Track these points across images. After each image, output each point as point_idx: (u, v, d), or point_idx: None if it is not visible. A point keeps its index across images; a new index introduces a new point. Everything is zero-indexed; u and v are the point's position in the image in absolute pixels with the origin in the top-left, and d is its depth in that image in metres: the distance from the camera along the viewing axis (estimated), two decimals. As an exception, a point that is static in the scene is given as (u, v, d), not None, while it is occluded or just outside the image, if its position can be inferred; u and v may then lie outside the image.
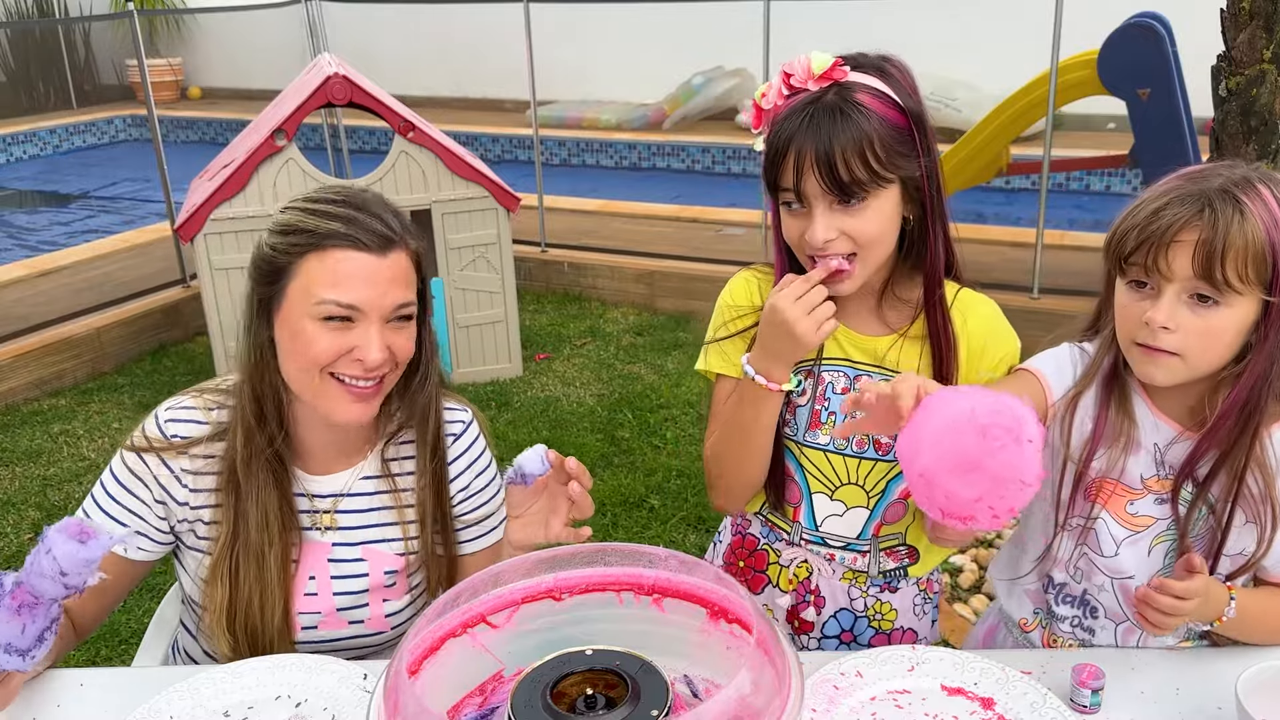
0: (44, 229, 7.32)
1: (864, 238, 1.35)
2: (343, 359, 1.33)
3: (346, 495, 1.47)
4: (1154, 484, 1.39)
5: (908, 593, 1.58)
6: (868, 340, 1.47)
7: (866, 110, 1.32)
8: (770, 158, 1.35)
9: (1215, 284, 1.23)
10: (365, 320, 1.32)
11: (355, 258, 1.33)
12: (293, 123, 3.89)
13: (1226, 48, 2.74)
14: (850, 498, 1.50)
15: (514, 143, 8.57)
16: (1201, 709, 1.26)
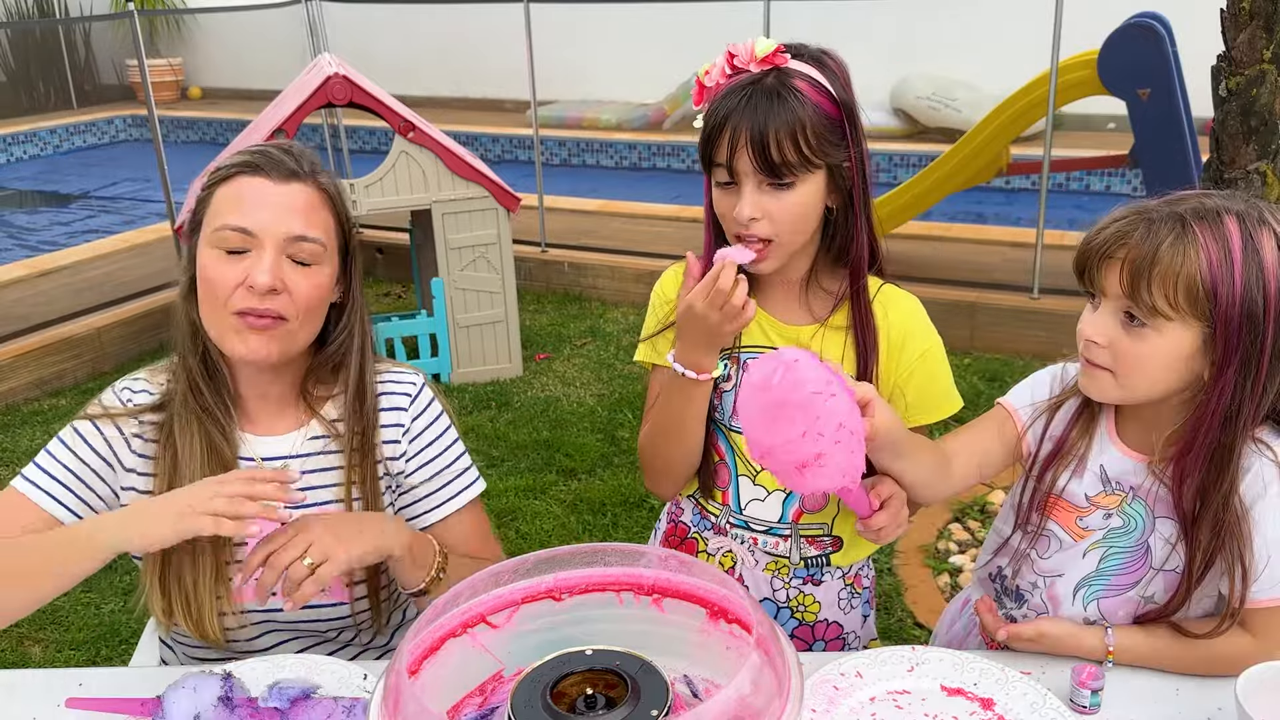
0: (44, 229, 7.32)
1: (785, 220, 1.39)
2: (239, 291, 1.34)
3: (295, 456, 1.46)
4: (1101, 500, 1.39)
5: (832, 586, 1.59)
6: (790, 329, 1.51)
7: (802, 96, 1.36)
8: (707, 133, 1.39)
9: (1141, 305, 1.22)
10: (259, 247, 1.35)
11: (254, 183, 1.37)
12: (293, 123, 3.89)
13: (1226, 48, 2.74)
14: (769, 482, 1.53)
15: (514, 143, 8.57)
16: (1201, 709, 1.26)
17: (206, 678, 1.23)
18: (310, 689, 1.24)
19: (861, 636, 1.65)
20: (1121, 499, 1.38)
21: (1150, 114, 4.32)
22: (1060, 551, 1.42)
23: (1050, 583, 1.44)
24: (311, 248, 1.38)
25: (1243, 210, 1.23)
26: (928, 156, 6.10)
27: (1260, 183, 2.71)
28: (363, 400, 1.48)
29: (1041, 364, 1.56)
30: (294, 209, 1.37)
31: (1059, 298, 4.42)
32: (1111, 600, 1.39)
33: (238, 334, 1.36)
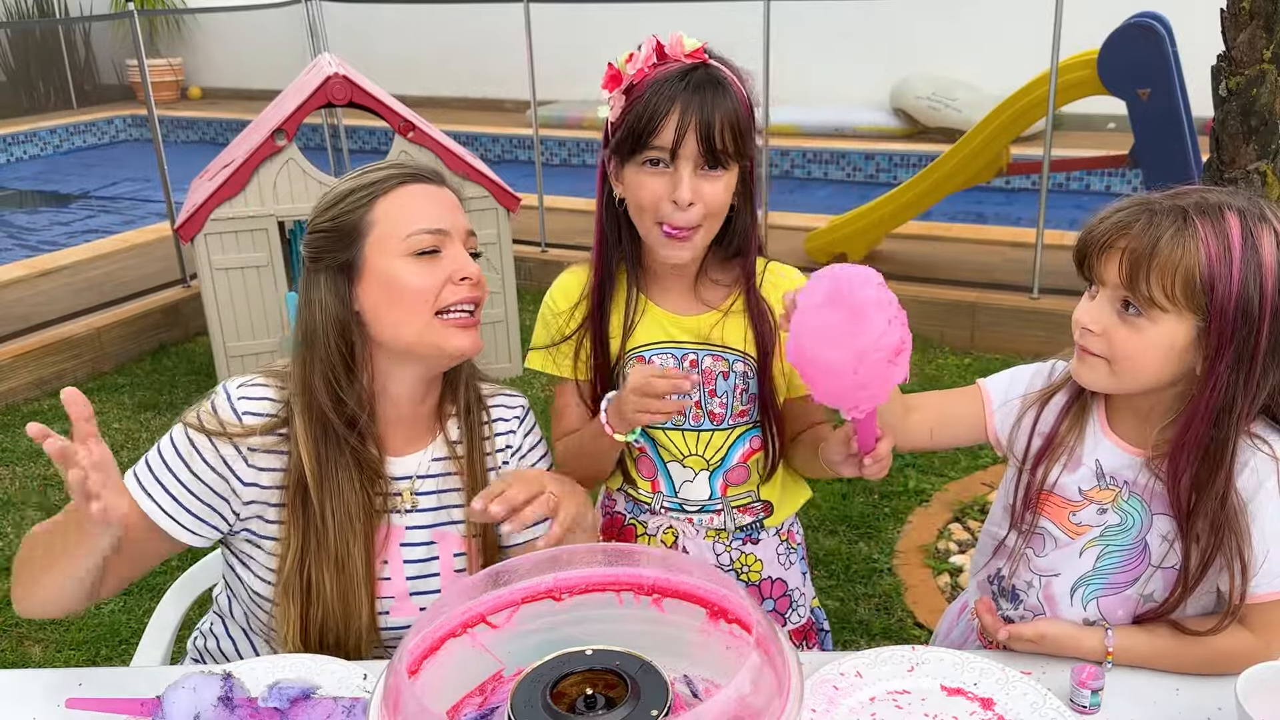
0: (44, 229, 7.32)
1: (715, 205, 1.46)
2: (448, 287, 1.38)
3: (422, 477, 1.47)
4: (1094, 494, 1.39)
5: (769, 543, 1.66)
6: (690, 319, 1.57)
7: (733, 90, 1.45)
8: (646, 116, 1.41)
9: (1138, 295, 1.23)
10: (451, 242, 1.40)
11: (421, 189, 1.42)
12: (293, 123, 3.89)
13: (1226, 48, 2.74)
14: (695, 465, 1.60)
15: (514, 143, 8.57)
16: (1201, 709, 1.26)
17: (206, 678, 1.23)
18: (310, 689, 1.24)
19: (805, 594, 1.72)
20: (1115, 494, 1.38)
21: (1150, 114, 4.32)
22: (1056, 550, 1.42)
23: (1047, 582, 1.43)
24: (476, 240, 1.46)
25: (1244, 207, 1.23)
26: (928, 156, 6.11)
27: (1260, 183, 2.71)
28: (469, 413, 1.51)
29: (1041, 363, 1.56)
30: (457, 208, 1.45)
31: (1059, 298, 4.43)
32: (1110, 599, 1.39)
33: (450, 334, 1.39)
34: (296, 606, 1.39)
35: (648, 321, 1.57)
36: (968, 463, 3.52)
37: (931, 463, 3.55)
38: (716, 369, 1.56)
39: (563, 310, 1.62)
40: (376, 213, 1.39)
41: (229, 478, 1.39)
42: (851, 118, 8.03)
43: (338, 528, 1.38)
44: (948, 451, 3.61)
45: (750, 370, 1.56)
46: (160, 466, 1.39)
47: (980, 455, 3.55)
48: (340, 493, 1.38)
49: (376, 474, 1.42)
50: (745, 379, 1.57)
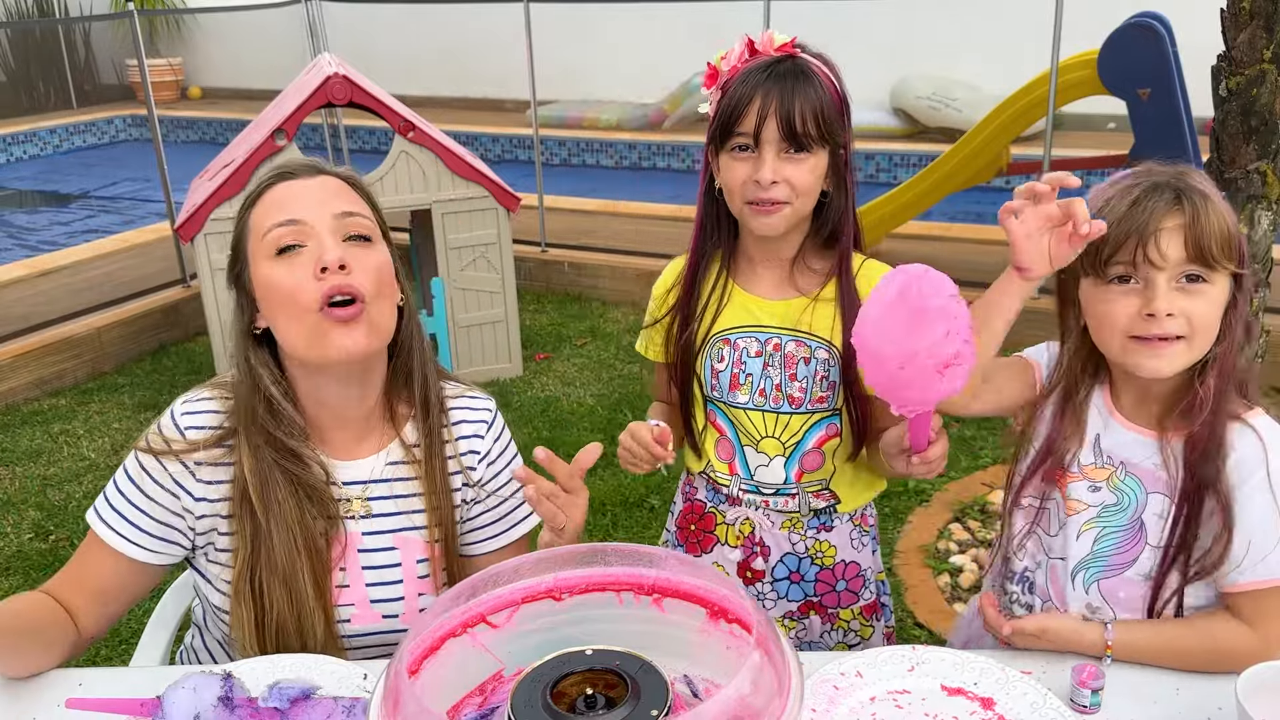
0: (44, 229, 7.32)
1: (801, 185, 1.52)
2: (310, 284, 1.30)
3: (375, 481, 1.45)
4: (1090, 471, 1.41)
5: (843, 530, 1.70)
6: (779, 304, 1.62)
7: (819, 79, 1.52)
8: (732, 106, 1.51)
9: (1206, 262, 1.28)
10: (312, 231, 1.33)
11: (284, 186, 1.38)
12: (293, 123, 3.89)
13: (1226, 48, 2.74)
14: (770, 449, 1.64)
15: (514, 143, 8.57)
16: (1201, 709, 1.26)
17: (206, 678, 1.23)
18: (310, 689, 1.24)
19: (875, 569, 1.77)
20: (1111, 473, 1.39)
21: (1150, 114, 4.32)
22: (1065, 528, 1.43)
23: (1052, 566, 1.44)
24: (361, 221, 1.37)
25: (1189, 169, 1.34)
26: (928, 156, 6.11)
27: (1260, 183, 2.70)
28: (428, 411, 1.46)
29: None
30: (332, 193, 1.38)
31: (1059, 298, 4.42)
32: (1111, 581, 1.40)
33: (329, 334, 1.32)
34: (250, 611, 1.38)
35: (734, 306, 1.64)
36: (968, 463, 3.52)
37: (931, 463, 3.55)
38: (799, 354, 1.60)
39: (659, 295, 1.72)
40: (250, 221, 1.37)
41: (180, 495, 1.39)
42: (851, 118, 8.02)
43: (283, 545, 1.36)
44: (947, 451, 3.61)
45: (833, 358, 1.60)
46: (116, 496, 1.40)
47: (980, 455, 3.55)
48: (283, 513, 1.37)
49: (320, 495, 1.39)
50: (827, 366, 1.60)
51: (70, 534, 3.31)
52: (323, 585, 1.39)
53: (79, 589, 1.40)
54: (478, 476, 1.49)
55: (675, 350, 1.67)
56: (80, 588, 1.40)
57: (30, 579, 3.08)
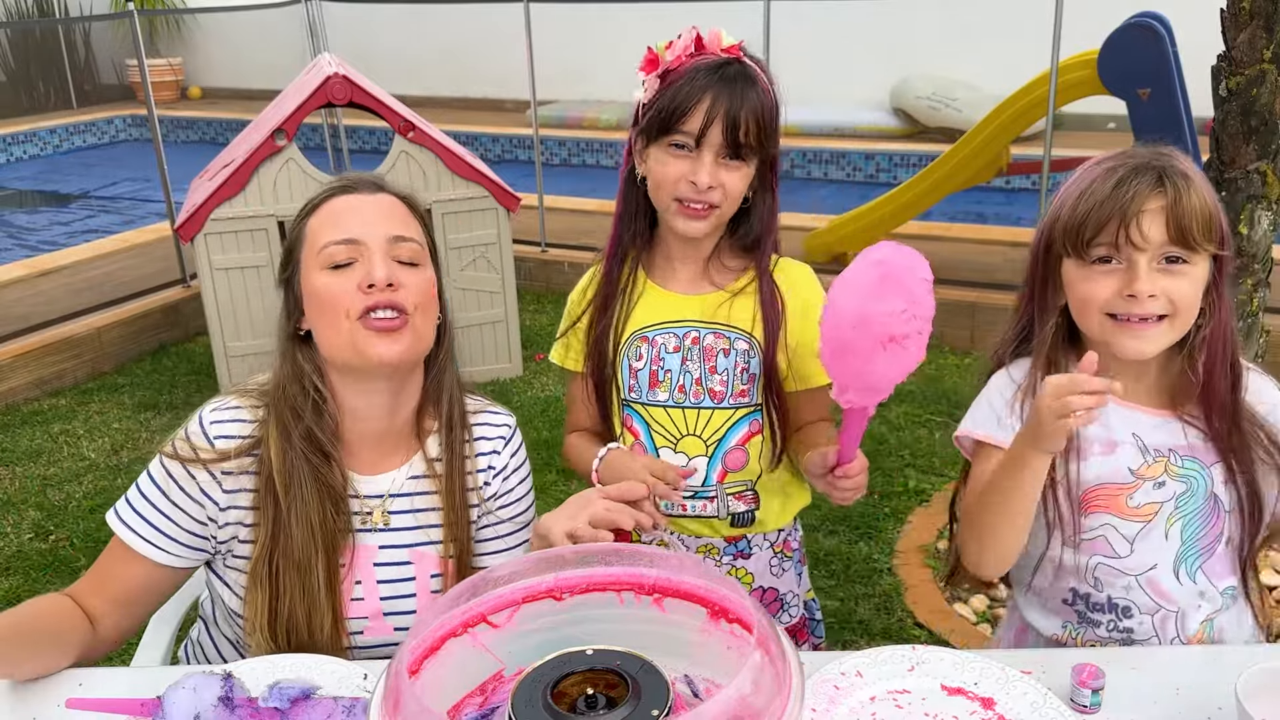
0: (44, 229, 7.32)
1: (734, 192, 1.53)
2: (357, 295, 1.36)
3: (395, 495, 1.46)
4: (1145, 471, 1.41)
5: (761, 557, 1.68)
6: (695, 299, 1.62)
7: (761, 87, 1.51)
8: (677, 103, 1.49)
9: (1187, 244, 1.30)
10: (366, 251, 1.38)
11: (345, 199, 1.43)
12: (293, 123, 3.89)
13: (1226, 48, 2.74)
14: (691, 448, 1.62)
15: (514, 143, 8.57)
16: (1201, 709, 1.26)
17: (206, 678, 1.23)
18: (310, 689, 1.24)
19: (799, 593, 1.75)
20: (1164, 463, 1.40)
21: (1150, 114, 4.32)
22: (1142, 539, 1.42)
23: (1149, 579, 1.44)
24: (411, 247, 1.42)
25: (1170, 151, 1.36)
26: (928, 156, 6.11)
27: (1260, 183, 2.71)
28: (451, 430, 1.48)
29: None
30: (388, 214, 1.42)
31: (1059, 298, 4.42)
32: (1210, 563, 1.42)
33: (370, 342, 1.36)
34: (265, 596, 1.39)
35: (650, 303, 1.62)
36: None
37: (931, 463, 3.55)
38: (718, 346, 1.59)
39: (576, 299, 1.70)
40: (306, 230, 1.43)
41: (206, 504, 1.40)
42: (851, 118, 8.03)
43: (302, 537, 1.38)
44: (948, 451, 3.61)
45: (753, 349, 1.59)
46: (140, 500, 1.41)
47: (980, 455, 3.55)
48: (305, 505, 1.38)
49: (340, 496, 1.41)
50: (747, 357, 1.59)
51: (70, 534, 3.31)
52: (334, 582, 1.41)
53: (101, 593, 1.41)
54: (491, 491, 1.50)
55: (590, 353, 1.65)
56: (102, 592, 1.41)
57: (30, 579, 3.08)
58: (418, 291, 1.40)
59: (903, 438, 3.72)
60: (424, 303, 1.41)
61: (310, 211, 1.43)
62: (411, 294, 1.39)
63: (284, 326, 1.45)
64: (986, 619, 2.76)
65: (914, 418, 3.87)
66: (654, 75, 1.53)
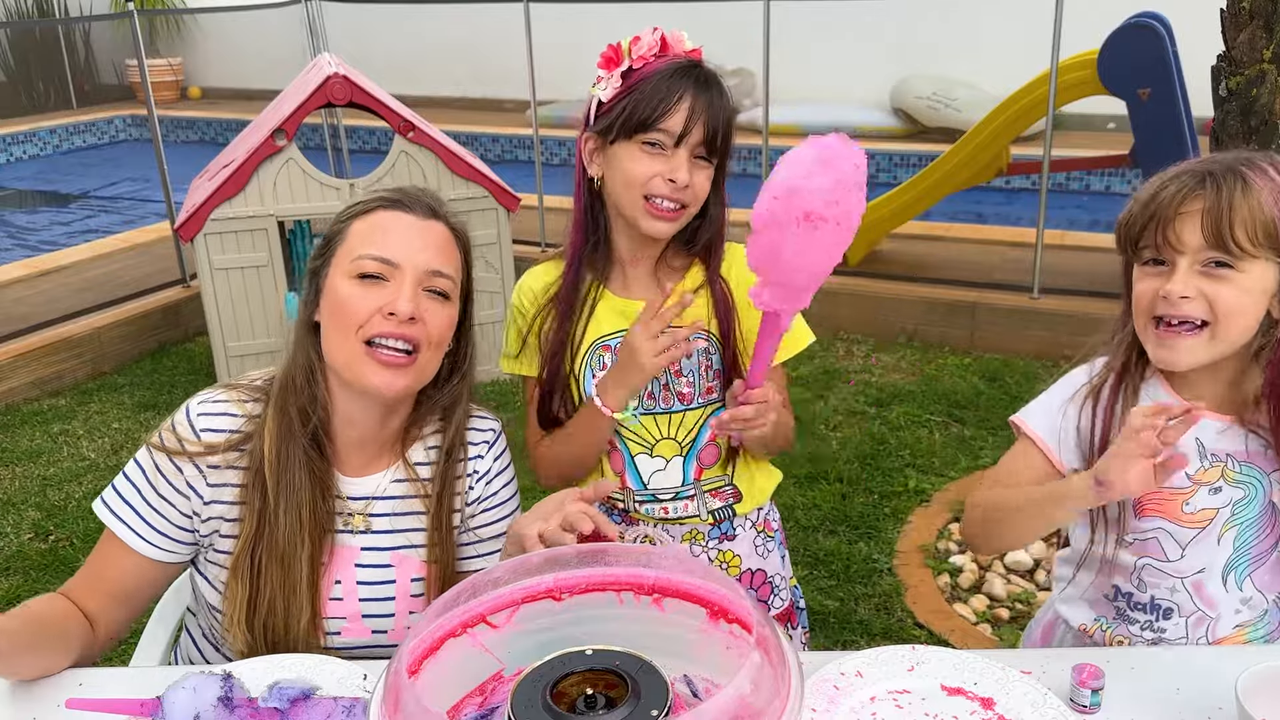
0: (44, 229, 7.32)
1: (702, 193, 1.53)
2: (376, 317, 1.34)
3: (378, 499, 1.46)
4: (1201, 476, 1.40)
5: (745, 537, 1.69)
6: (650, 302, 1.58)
7: (728, 93, 1.53)
8: (655, 102, 1.48)
9: (1228, 249, 1.27)
10: (399, 276, 1.37)
11: (395, 216, 1.41)
12: (293, 123, 3.89)
13: (1226, 48, 2.74)
14: (667, 451, 1.62)
15: (514, 143, 8.57)
16: (1201, 709, 1.26)
17: (206, 678, 1.23)
18: (310, 689, 1.24)
19: (785, 575, 1.75)
20: (1221, 469, 1.39)
21: (1150, 114, 4.32)
22: (1195, 544, 1.42)
23: (1196, 583, 1.44)
24: (445, 282, 1.41)
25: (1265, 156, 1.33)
26: (928, 156, 6.10)
27: (1260, 183, 2.71)
28: (452, 451, 1.48)
29: (1041, 364, 1.57)
30: (433, 244, 1.41)
31: (1059, 298, 4.42)
32: (1260, 572, 1.42)
33: (371, 368, 1.35)
34: (245, 589, 1.39)
35: (605, 312, 1.61)
36: (968, 463, 3.52)
37: (931, 463, 3.55)
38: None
39: (525, 306, 1.65)
40: (350, 230, 1.41)
41: (191, 497, 1.40)
42: (851, 118, 8.03)
43: (289, 528, 1.38)
44: (947, 452, 3.61)
45: (713, 346, 1.59)
46: (128, 488, 1.42)
47: (980, 455, 3.55)
48: (296, 493, 1.38)
49: (329, 487, 1.41)
50: (709, 355, 1.59)
51: (70, 534, 3.31)
52: (315, 576, 1.41)
53: (95, 591, 1.42)
54: (475, 495, 1.51)
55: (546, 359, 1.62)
56: (96, 589, 1.42)
57: (30, 579, 3.08)
58: (436, 328, 1.39)
59: (903, 438, 3.72)
60: (438, 340, 1.40)
61: (358, 214, 1.42)
62: (430, 330, 1.38)
63: (302, 315, 1.44)
64: (987, 619, 2.76)
65: (914, 418, 3.87)
66: (616, 73, 1.53)
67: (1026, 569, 2.94)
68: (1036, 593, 2.85)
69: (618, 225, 1.58)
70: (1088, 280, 4.40)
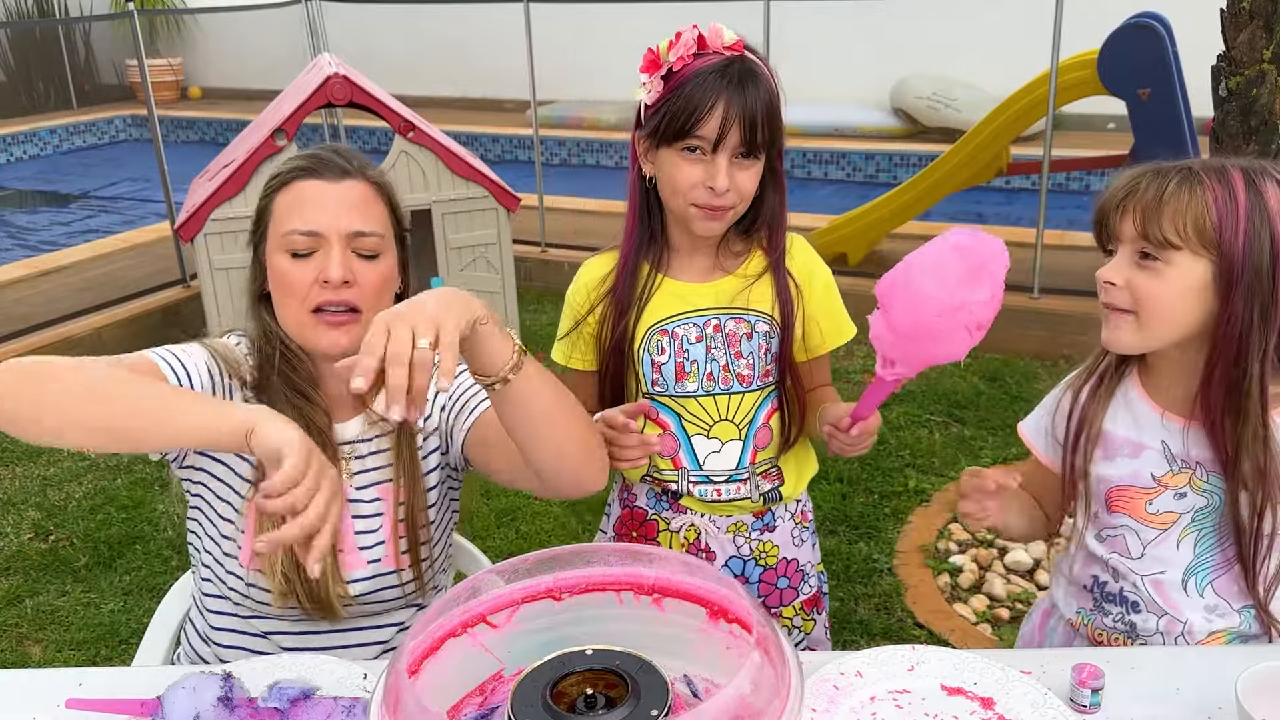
0: (44, 229, 7.32)
1: (747, 191, 1.54)
2: (315, 288, 1.41)
3: (362, 441, 1.52)
4: (1168, 480, 1.42)
5: (784, 528, 1.72)
6: (708, 286, 1.63)
7: (765, 82, 1.51)
8: (690, 108, 1.48)
9: (1152, 239, 1.31)
10: (326, 244, 1.42)
11: (311, 185, 1.44)
12: (293, 123, 3.89)
13: (1226, 48, 2.74)
14: (724, 433, 1.64)
15: (514, 143, 8.57)
16: (1201, 709, 1.26)
17: (206, 678, 1.24)
18: (310, 689, 1.25)
19: (814, 562, 1.79)
20: (1190, 475, 1.40)
21: (1150, 114, 4.32)
22: (1152, 547, 1.44)
23: (1154, 582, 1.45)
24: (372, 240, 1.45)
25: (1246, 164, 1.33)
26: (928, 156, 6.11)
27: (1260, 183, 2.71)
28: None
29: (1041, 364, 1.60)
30: (352, 206, 1.44)
31: (1059, 298, 4.42)
32: (1222, 580, 1.42)
33: (320, 331, 1.43)
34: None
35: (664, 296, 1.63)
36: (968, 463, 3.52)
37: (931, 463, 3.55)
38: (740, 331, 1.61)
39: (579, 301, 1.68)
40: (275, 204, 1.46)
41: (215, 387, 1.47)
42: (851, 118, 8.04)
43: None
44: (947, 452, 3.61)
45: (773, 330, 1.62)
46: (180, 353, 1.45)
47: (980, 455, 3.55)
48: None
49: (325, 434, 1.47)
50: (769, 339, 1.62)
51: (70, 534, 3.31)
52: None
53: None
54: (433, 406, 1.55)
55: (607, 352, 1.65)
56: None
57: (30, 579, 3.08)
58: (371, 285, 1.44)
59: (903, 438, 3.72)
60: (380, 295, 1.46)
61: (279, 187, 1.46)
62: (366, 290, 1.44)
63: (251, 288, 1.51)
64: (987, 619, 2.76)
65: (914, 418, 3.87)
66: (657, 76, 1.53)
67: (1026, 569, 2.94)
68: (1036, 593, 2.85)
69: (672, 219, 1.61)
70: (1088, 280, 4.36)
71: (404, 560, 1.52)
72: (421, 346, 1.10)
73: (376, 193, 1.48)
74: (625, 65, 6.19)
